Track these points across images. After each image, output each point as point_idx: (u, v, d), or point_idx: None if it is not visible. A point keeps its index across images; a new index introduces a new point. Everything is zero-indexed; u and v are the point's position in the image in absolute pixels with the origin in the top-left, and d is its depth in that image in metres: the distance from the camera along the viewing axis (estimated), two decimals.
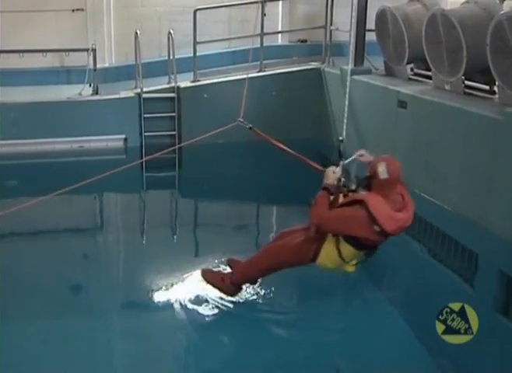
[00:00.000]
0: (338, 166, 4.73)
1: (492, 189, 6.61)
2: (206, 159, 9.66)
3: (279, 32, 12.00)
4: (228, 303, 5.17)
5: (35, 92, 10.13)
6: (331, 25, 10.69)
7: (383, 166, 4.39)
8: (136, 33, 10.09)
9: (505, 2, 8.33)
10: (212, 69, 10.91)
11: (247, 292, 5.30)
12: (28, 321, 5.04)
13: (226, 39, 11.50)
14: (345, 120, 5.08)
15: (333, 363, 4.75)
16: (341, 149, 4.97)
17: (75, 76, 10.64)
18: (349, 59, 5.17)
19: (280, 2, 11.08)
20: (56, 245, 6.82)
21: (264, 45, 10.42)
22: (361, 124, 8.98)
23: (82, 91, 9.98)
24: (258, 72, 10.44)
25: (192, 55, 10.18)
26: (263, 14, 10.35)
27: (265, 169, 9.42)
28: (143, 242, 7.11)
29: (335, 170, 4.68)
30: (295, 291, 5.53)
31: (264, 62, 10.46)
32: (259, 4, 10.20)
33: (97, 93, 10.04)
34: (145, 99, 9.88)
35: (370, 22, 9.30)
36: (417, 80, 8.84)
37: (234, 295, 5.16)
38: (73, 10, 11.03)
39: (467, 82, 7.78)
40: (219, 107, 10.00)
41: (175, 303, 5.25)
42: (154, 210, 8.16)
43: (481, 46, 6.99)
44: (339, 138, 4.97)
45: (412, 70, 9.14)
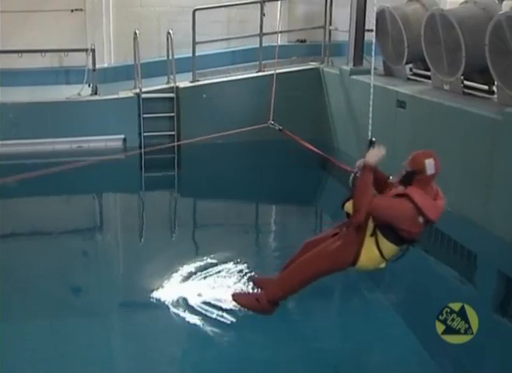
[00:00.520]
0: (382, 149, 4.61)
1: (491, 189, 6.61)
2: (206, 159, 9.67)
3: (279, 32, 11.97)
4: (228, 303, 5.15)
5: (34, 93, 10.12)
6: (330, 25, 10.71)
7: (431, 162, 4.35)
8: (135, 33, 10.08)
9: (504, 2, 8.35)
10: (211, 69, 10.91)
11: None
12: (28, 321, 5.04)
13: (225, 39, 11.50)
14: (370, 121, 5.10)
15: (333, 363, 4.75)
16: (373, 139, 4.87)
17: (74, 76, 10.62)
18: (371, 59, 5.17)
19: (279, 2, 11.06)
20: (55, 244, 6.82)
21: (262, 45, 10.42)
22: (360, 124, 8.97)
23: (81, 91, 9.98)
24: (257, 72, 10.45)
25: (191, 55, 10.18)
26: (262, 14, 10.38)
27: (265, 169, 9.41)
28: (142, 242, 7.11)
29: (378, 152, 4.55)
30: None
31: (263, 62, 10.44)
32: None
33: (96, 93, 10.03)
34: (144, 99, 9.87)
35: (370, 22, 9.30)
36: (416, 80, 8.85)
37: (272, 313, 4.76)
38: (72, 10, 11.02)
39: (466, 82, 7.78)
40: (218, 107, 10.03)
41: (175, 303, 5.25)
42: (153, 210, 8.16)
43: (480, 46, 7.00)
44: (372, 139, 4.90)
45: (411, 70, 9.15)
